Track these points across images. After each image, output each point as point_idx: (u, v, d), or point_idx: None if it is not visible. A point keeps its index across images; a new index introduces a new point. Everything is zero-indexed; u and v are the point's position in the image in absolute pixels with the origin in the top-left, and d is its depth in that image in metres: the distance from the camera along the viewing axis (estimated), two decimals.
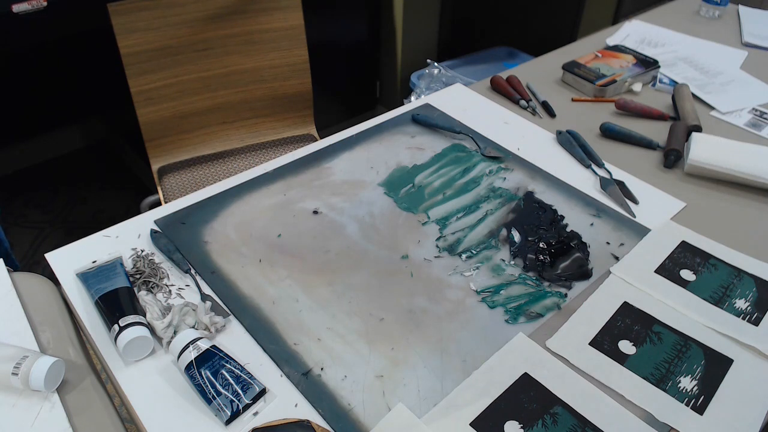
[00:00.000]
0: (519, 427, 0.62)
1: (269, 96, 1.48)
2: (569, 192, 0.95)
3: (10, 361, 0.62)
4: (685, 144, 1.04)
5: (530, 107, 1.17)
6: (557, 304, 0.76)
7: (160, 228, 0.85)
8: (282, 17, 1.40)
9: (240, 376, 0.64)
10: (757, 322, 0.75)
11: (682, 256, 0.84)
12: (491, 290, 0.78)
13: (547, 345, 0.71)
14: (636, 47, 1.40)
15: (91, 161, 2.34)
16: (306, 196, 0.93)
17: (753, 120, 1.16)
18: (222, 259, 0.81)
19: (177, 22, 1.30)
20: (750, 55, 1.40)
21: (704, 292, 0.79)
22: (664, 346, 0.71)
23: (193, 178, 1.37)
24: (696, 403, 0.65)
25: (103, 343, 0.69)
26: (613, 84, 1.21)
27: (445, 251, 0.84)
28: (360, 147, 1.04)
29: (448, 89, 1.24)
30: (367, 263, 0.81)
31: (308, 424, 0.61)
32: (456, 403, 0.64)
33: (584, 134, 1.07)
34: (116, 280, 0.74)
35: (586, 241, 0.86)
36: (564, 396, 0.65)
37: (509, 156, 1.03)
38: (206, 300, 0.74)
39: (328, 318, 0.74)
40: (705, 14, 1.60)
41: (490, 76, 1.26)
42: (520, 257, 0.83)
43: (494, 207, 0.92)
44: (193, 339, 0.66)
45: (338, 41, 2.25)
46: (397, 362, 0.69)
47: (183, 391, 0.65)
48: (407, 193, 0.94)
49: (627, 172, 1.00)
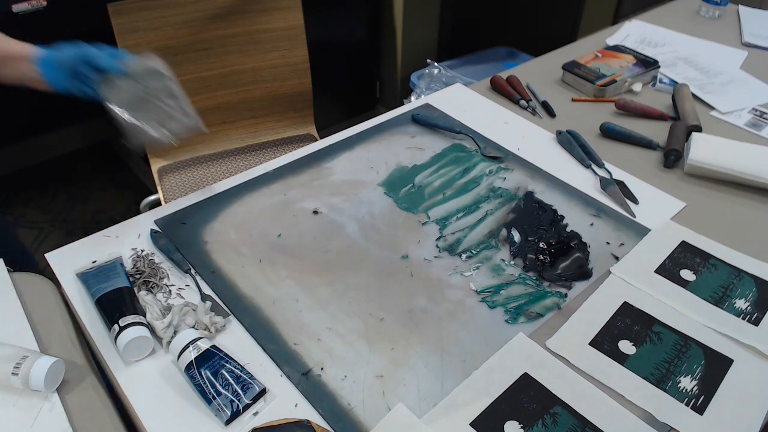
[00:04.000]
0: (519, 427, 0.62)
1: (269, 96, 1.48)
2: (569, 192, 0.95)
3: (10, 361, 0.62)
4: (685, 144, 1.04)
5: (530, 107, 1.17)
6: (557, 304, 0.76)
7: (160, 228, 0.85)
8: (282, 17, 1.40)
9: (240, 376, 0.64)
10: (757, 322, 0.75)
11: (682, 256, 0.84)
12: (491, 290, 0.78)
13: (547, 345, 0.71)
14: (636, 47, 1.40)
15: (91, 161, 2.33)
16: (306, 196, 0.93)
17: (753, 120, 1.16)
18: (222, 259, 0.81)
19: (177, 22, 1.30)
20: (750, 55, 1.40)
21: (704, 292, 0.79)
22: (664, 346, 0.71)
23: (193, 178, 1.37)
24: (696, 403, 0.65)
25: (103, 343, 0.69)
26: (613, 84, 1.21)
27: (445, 251, 0.84)
28: (360, 147, 1.04)
29: (448, 89, 1.24)
30: (367, 263, 0.81)
31: (308, 424, 0.61)
32: (456, 403, 0.64)
33: (584, 134, 1.07)
34: (116, 280, 0.74)
35: (586, 241, 0.86)
36: (564, 396, 0.65)
37: (509, 156, 1.03)
38: (206, 300, 0.74)
39: (328, 318, 0.73)
40: (705, 14, 1.60)
41: (490, 76, 1.26)
42: (520, 257, 0.83)
43: (494, 207, 0.92)
44: (193, 339, 0.66)
45: (338, 41, 2.25)
46: (397, 362, 0.69)
47: (183, 391, 0.65)
48: (407, 193, 0.94)
49: (627, 172, 1.00)
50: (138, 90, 0.79)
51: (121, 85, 0.79)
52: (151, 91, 0.79)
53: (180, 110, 0.80)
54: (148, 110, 0.79)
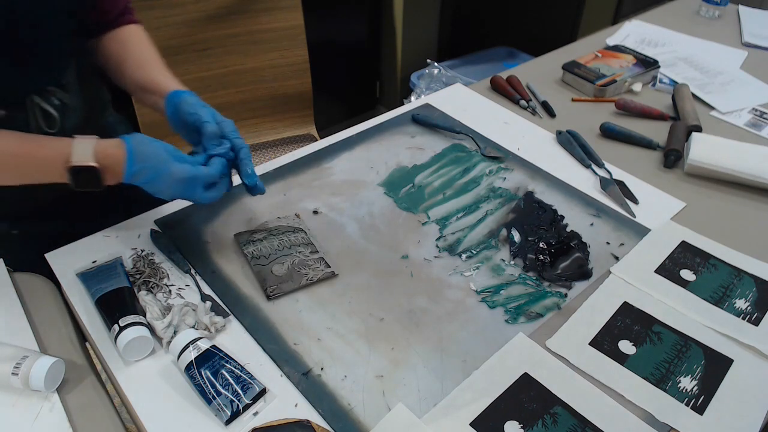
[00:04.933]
0: (519, 427, 0.62)
1: (269, 96, 1.48)
2: (569, 192, 0.95)
3: (10, 361, 0.62)
4: (685, 144, 1.04)
5: (530, 107, 1.17)
6: (557, 304, 0.76)
7: (160, 228, 0.85)
8: (282, 17, 1.40)
9: (240, 376, 0.64)
10: (757, 322, 0.75)
11: (682, 256, 0.84)
12: (491, 290, 0.78)
13: (547, 345, 0.71)
14: (636, 47, 1.40)
15: None
16: (306, 196, 0.93)
17: (753, 120, 1.16)
18: (222, 259, 0.81)
19: (177, 22, 1.30)
20: (750, 55, 1.40)
21: (704, 292, 0.79)
22: (664, 346, 0.71)
23: None
24: (696, 403, 0.65)
25: (103, 343, 0.69)
26: (613, 84, 1.21)
27: (445, 251, 0.84)
28: (360, 147, 1.04)
29: (448, 89, 1.24)
30: (367, 263, 0.81)
31: (308, 424, 0.61)
32: (456, 403, 0.64)
33: (584, 134, 1.07)
34: (116, 280, 0.74)
35: (586, 241, 0.86)
36: (564, 396, 0.65)
37: (509, 156, 1.03)
38: (206, 300, 0.74)
39: (328, 318, 0.73)
40: (705, 14, 1.60)
41: (490, 76, 1.26)
42: (520, 257, 0.83)
43: (494, 207, 0.92)
44: (193, 339, 0.66)
45: (338, 41, 2.25)
46: (397, 362, 0.69)
47: (183, 391, 0.65)
48: (407, 193, 0.94)
49: (627, 172, 1.00)
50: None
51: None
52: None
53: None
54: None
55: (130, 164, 0.70)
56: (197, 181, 0.73)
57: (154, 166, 0.71)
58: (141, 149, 0.71)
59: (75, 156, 0.69)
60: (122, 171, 0.71)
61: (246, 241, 0.82)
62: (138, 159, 0.70)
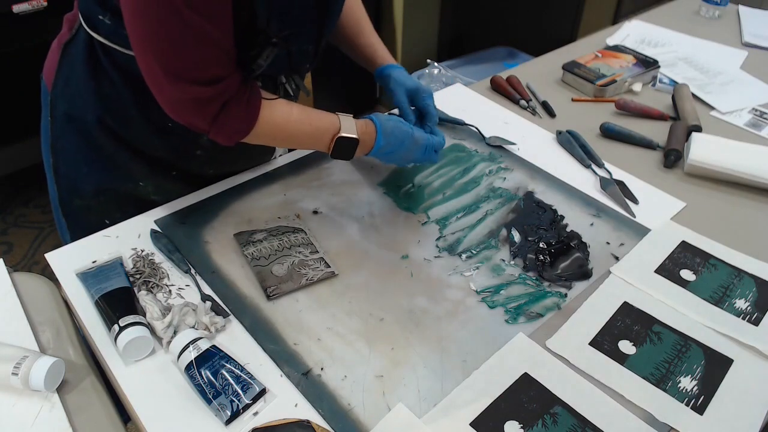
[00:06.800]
0: (519, 427, 0.62)
1: None
2: (569, 192, 0.95)
3: (10, 361, 0.62)
4: (685, 144, 1.04)
5: (530, 107, 1.17)
6: (557, 304, 0.76)
7: (160, 228, 0.85)
8: None
9: (240, 376, 0.64)
10: (757, 322, 0.75)
11: (682, 256, 0.84)
12: (491, 290, 0.78)
13: (547, 345, 0.71)
14: (636, 47, 1.40)
15: None
16: (306, 196, 0.93)
17: (753, 120, 1.16)
18: (222, 259, 0.81)
19: None
20: (750, 55, 1.40)
21: (704, 292, 0.79)
22: (664, 346, 0.71)
23: None
24: (696, 403, 0.65)
25: (103, 343, 0.69)
26: (613, 84, 1.21)
27: (445, 251, 0.84)
28: None
29: (448, 89, 1.24)
30: (367, 263, 0.81)
31: (308, 424, 0.61)
32: (456, 403, 0.64)
33: (584, 134, 1.07)
34: (116, 280, 0.74)
35: (586, 241, 0.86)
36: (564, 396, 0.65)
37: (512, 152, 1.03)
38: (206, 300, 0.74)
39: (328, 318, 0.73)
40: (705, 14, 1.60)
41: (490, 76, 1.26)
42: (520, 257, 0.83)
43: (494, 207, 0.92)
44: (193, 339, 0.66)
45: None
46: (397, 362, 0.69)
47: (183, 391, 0.65)
48: (407, 193, 0.94)
49: (627, 172, 1.00)
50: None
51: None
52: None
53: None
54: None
55: (380, 138, 0.82)
56: (432, 146, 0.88)
57: (399, 138, 0.84)
58: (387, 125, 0.83)
59: (343, 129, 0.80)
60: (372, 145, 0.83)
61: (246, 241, 0.82)
62: (385, 134, 0.83)
